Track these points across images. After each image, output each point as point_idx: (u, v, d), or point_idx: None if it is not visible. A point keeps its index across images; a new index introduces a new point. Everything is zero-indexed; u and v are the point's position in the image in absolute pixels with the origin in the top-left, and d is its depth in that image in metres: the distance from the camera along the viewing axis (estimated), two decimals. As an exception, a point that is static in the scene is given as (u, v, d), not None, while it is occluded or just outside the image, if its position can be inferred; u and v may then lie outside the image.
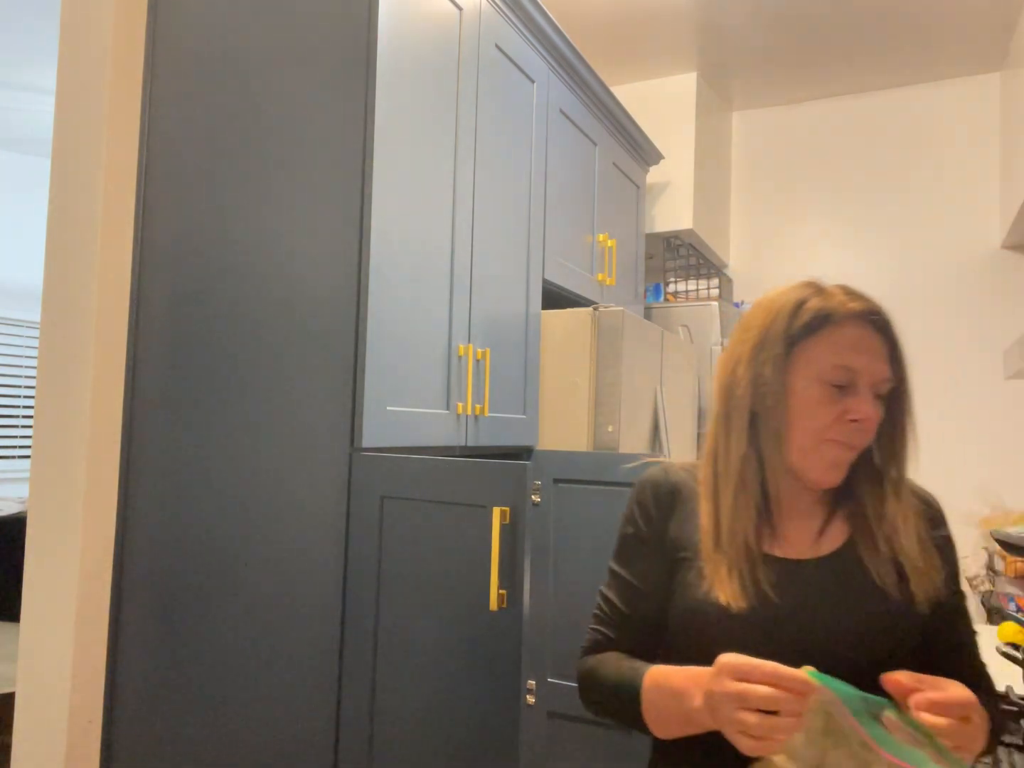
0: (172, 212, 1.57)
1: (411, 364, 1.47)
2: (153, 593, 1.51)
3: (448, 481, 1.27)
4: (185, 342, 1.52)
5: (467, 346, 1.64)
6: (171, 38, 1.61)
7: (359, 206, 1.37)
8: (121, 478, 1.56)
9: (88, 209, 1.57)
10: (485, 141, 1.76)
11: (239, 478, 1.44)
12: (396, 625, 1.29)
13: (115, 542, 1.55)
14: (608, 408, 1.97)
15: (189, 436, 1.50)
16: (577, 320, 2.02)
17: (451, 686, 1.23)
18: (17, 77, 3.21)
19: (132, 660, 1.52)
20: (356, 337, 1.35)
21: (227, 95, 1.53)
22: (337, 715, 1.31)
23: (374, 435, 1.35)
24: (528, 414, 1.93)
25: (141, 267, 1.60)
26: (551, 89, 2.12)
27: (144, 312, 1.58)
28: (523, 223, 1.95)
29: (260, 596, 1.39)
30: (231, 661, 1.41)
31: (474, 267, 1.70)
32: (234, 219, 1.49)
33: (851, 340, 0.86)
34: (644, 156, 2.90)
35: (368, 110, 1.38)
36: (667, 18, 2.82)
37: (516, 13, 1.91)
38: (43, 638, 1.53)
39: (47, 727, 1.50)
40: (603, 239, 2.45)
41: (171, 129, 1.59)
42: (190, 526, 1.48)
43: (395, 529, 1.30)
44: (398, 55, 1.45)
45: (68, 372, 1.56)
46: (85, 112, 1.59)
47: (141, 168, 1.61)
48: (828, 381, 0.86)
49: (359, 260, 1.36)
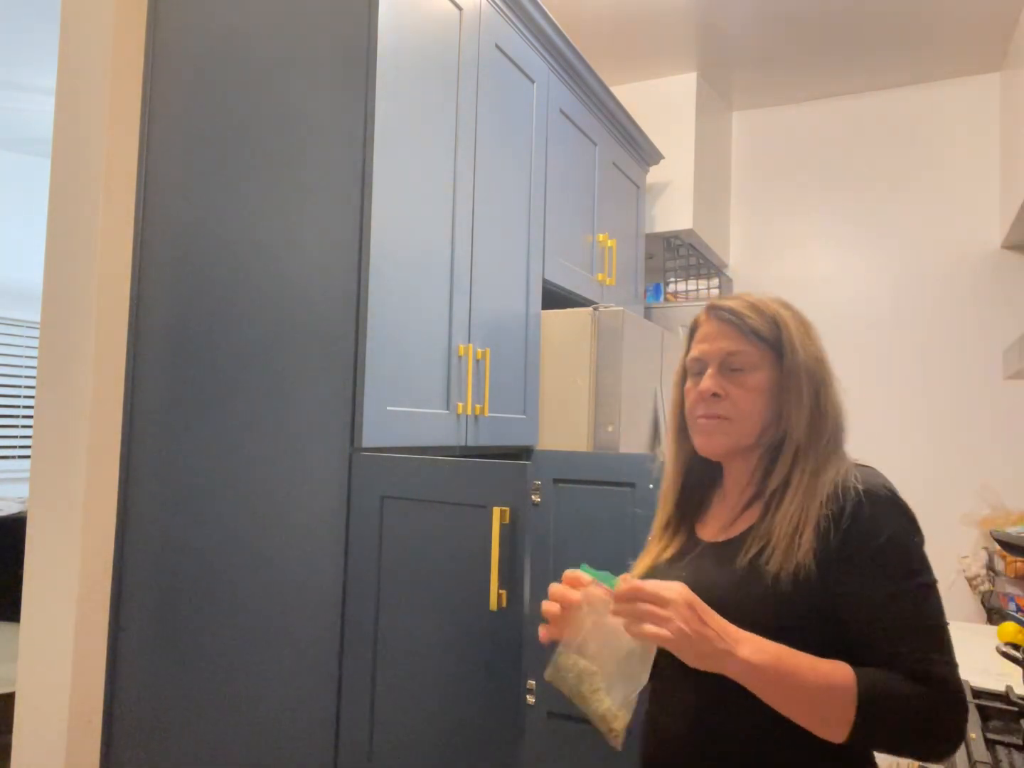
0: (172, 212, 1.57)
1: (411, 364, 1.47)
2: (153, 593, 1.51)
3: (448, 481, 1.27)
4: (185, 342, 1.52)
5: (467, 346, 1.64)
6: (171, 38, 1.61)
7: (359, 206, 1.37)
8: (121, 478, 1.56)
9: (88, 209, 1.57)
10: (485, 141, 1.76)
11: (239, 477, 1.44)
12: (396, 625, 1.29)
13: (115, 542, 1.55)
14: (608, 408, 1.97)
15: (189, 436, 1.50)
16: (577, 320, 2.02)
17: (451, 686, 1.23)
18: (17, 77, 3.21)
19: (132, 660, 1.52)
20: (356, 337, 1.35)
21: (227, 95, 1.53)
22: (337, 716, 1.31)
23: (374, 435, 1.35)
24: (528, 414, 1.93)
25: (141, 267, 1.60)
26: (551, 89, 2.12)
27: (144, 312, 1.58)
28: (523, 223, 1.95)
29: (260, 596, 1.39)
30: (231, 661, 1.41)
31: (474, 267, 1.70)
32: (234, 219, 1.49)
33: (701, 335, 1.07)
34: (644, 156, 2.90)
35: (368, 110, 1.38)
36: (667, 18, 2.82)
37: (516, 13, 1.91)
38: (43, 638, 1.53)
39: (47, 727, 1.50)
40: (603, 239, 2.45)
41: (171, 129, 1.59)
42: (190, 526, 1.48)
43: (395, 529, 1.30)
44: (398, 55, 1.45)
45: (68, 372, 1.56)
46: (85, 112, 1.59)
47: (141, 168, 1.61)
48: (690, 372, 1.08)
49: (359, 260, 1.36)
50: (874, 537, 0.90)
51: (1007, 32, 2.84)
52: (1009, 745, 1.42)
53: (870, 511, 0.91)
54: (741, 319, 1.02)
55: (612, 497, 1.78)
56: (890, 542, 0.90)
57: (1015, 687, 1.67)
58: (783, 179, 3.53)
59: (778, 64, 3.16)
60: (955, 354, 3.15)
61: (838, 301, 3.37)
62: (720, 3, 2.71)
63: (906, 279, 3.26)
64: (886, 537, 0.90)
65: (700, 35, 2.93)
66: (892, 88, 3.34)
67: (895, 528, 0.91)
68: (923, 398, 3.20)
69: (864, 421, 3.56)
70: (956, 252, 3.19)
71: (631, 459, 1.79)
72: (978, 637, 2.25)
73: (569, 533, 1.83)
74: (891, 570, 0.90)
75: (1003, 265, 3.10)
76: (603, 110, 2.49)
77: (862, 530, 0.90)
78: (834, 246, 3.41)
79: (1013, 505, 2.96)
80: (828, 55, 3.07)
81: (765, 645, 0.86)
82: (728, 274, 3.59)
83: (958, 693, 0.85)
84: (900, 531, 0.91)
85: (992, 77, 3.16)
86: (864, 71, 3.20)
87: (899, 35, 2.90)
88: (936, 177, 3.24)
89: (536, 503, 1.85)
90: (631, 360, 2.05)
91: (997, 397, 3.07)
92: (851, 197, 3.39)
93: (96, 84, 1.58)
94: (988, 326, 3.11)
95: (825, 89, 3.38)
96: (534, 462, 1.87)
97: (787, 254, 3.50)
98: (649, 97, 3.24)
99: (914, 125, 3.29)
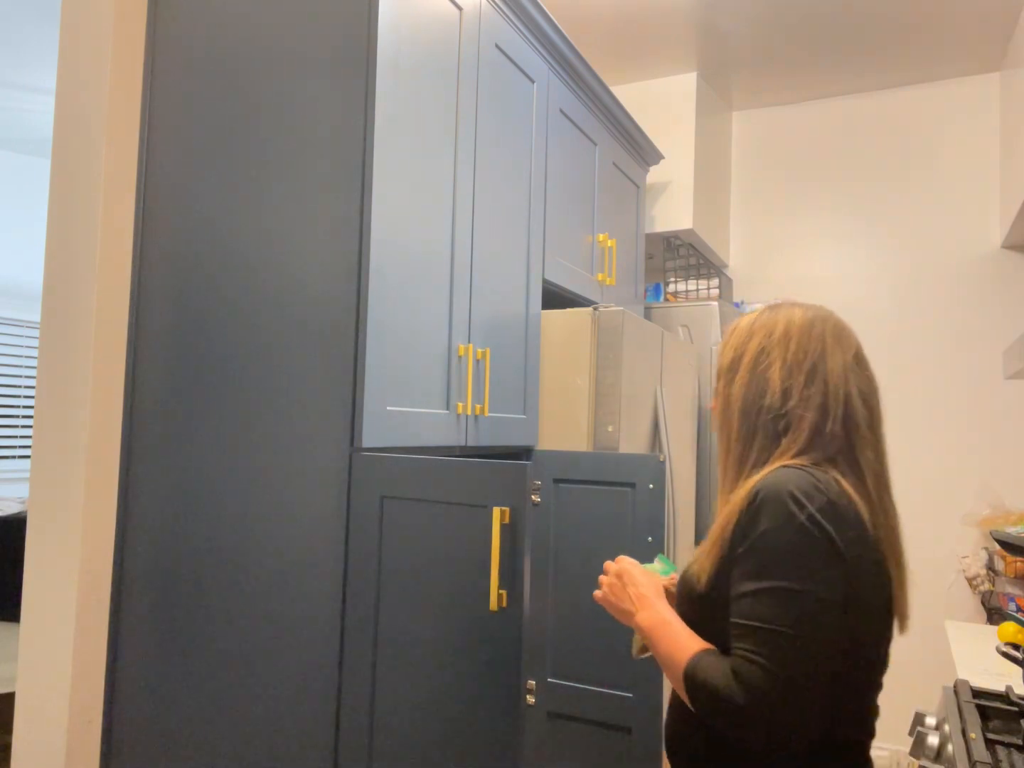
0: (172, 212, 1.57)
1: (411, 364, 1.47)
2: (153, 592, 1.51)
3: (448, 481, 1.27)
4: (185, 342, 1.52)
5: (467, 346, 1.64)
6: (171, 38, 1.61)
7: (359, 206, 1.37)
8: (121, 478, 1.56)
9: (88, 209, 1.57)
10: (485, 141, 1.76)
11: (239, 477, 1.44)
12: (396, 625, 1.29)
13: (115, 542, 1.55)
14: (608, 408, 1.97)
15: (189, 436, 1.50)
16: (577, 320, 2.02)
17: (451, 686, 1.23)
18: (17, 77, 3.21)
19: (132, 660, 1.52)
20: (356, 337, 1.35)
21: (227, 95, 1.53)
22: (337, 715, 1.31)
23: (374, 435, 1.35)
24: (528, 414, 1.93)
25: (141, 267, 1.60)
26: (551, 89, 2.12)
27: (144, 312, 1.58)
28: (523, 223, 1.95)
29: (260, 596, 1.40)
30: (231, 661, 1.41)
31: (474, 267, 1.70)
32: (234, 219, 1.49)
33: None
34: (644, 156, 2.90)
35: (368, 110, 1.38)
36: (667, 18, 2.82)
37: (516, 13, 1.91)
38: (43, 638, 1.53)
39: (47, 727, 1.50)
40: (603, 239, 2.45)
41: (171, 129, 1.59)
42: (190, 526, 1.48)
43: (395, 529, 1.30)
44: (398, 55, 1.45)
45: (68, 372, 1.56)
46: (85, 112, 1.59)
47: (141, 168, 1.61)
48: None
49: (359, 260, 1.36)
50: (748, 537, 0.92)
51: (1007, 32, 2.84)
52: (1009, 745, 1.42)
53: (755, 512, 0.92)
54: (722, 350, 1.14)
55: (612, 497, 1.78)
56: (759, 540, 0.91)
57: (1015, 687, 1.67)
58: (783, 179, 3.53)
59: (778, 64, 3.16)
60: (955, 354, 3.15)
61: (838, 301, 3.37)
62: (720, 3, 2.72)
63: (906, 279, 3.26)
64: (756, 536, 0.91)
65: (700, 35, 2.93)
66: (892, 88, 3.34)
67: (766, 528, 0.90)
68: (923, 398, 3.20)
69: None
70: (956, 252, 3.19)
71: (631, 459, 1.79)
72: (978, 637, 2.25)
73: (569, 533, 1.83)
74: (747, 569, 0.91)
75: (1003, 265, 3.10)
76: (603, 110, 2.49)
77: (745, 531, 0.93)
78: (834, 246, 3.41)
79: (1013, 505, 2.96)
80: (828, 55, 3.07)
81: (658, 615, 1.02)
82: (728, 274, 3.59)
83: (748, 687, 0.85)
84: (771, 531, 0.90)
85: (992, 77, 3.16)
86: (864, 71, 3.20)
87: (899, 35, 2.90)
88: (936, 177, 3.24)
89: (536, 503, 1.85)
90: (631, 360, 2.05)
91: (997, 397, 3.07)
92: (851, 197, 3.39)
93: (96, 84, 1.58)
94: (988, 326, 3.11)
95: (825, 89, 3.38)
96: (534, 462, 1.87)
97: (787, 254, 3.50)
98: (649, 97, 3.24)
99: (914, 125, 3.29)
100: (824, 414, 0.99)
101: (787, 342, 1.02)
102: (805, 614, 0.87)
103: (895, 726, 3.14)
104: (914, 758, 1.49)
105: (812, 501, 0.90)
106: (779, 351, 1.02)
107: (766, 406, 1.01)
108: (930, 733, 1.49)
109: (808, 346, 1.01)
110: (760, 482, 0.94)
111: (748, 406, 1.02)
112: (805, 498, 0.90)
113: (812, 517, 0.89)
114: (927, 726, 1.55)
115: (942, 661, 3.07)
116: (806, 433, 0.98)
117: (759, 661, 0.86)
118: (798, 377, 1.00)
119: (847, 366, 1.01)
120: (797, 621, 0.86)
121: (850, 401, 1.00)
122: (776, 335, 1.03)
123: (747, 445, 1.02)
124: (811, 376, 1.00)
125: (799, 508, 0.90)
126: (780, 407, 1.00)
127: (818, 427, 0.99)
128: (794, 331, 1.03)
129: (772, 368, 1.01)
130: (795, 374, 1.00)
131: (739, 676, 0.86)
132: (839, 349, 1.02)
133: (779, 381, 1.01)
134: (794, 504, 0.90)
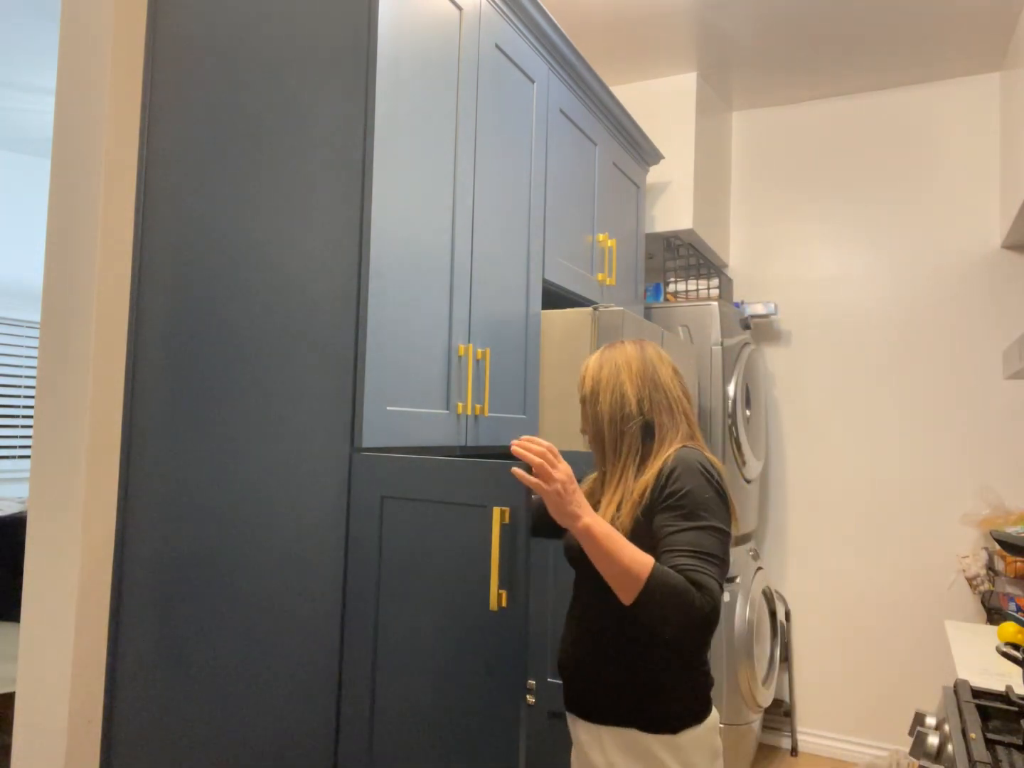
0: (172, 212, 1.57)
1: (411, 364, 1.47)
2: (153, 593, 1.51)
3: (448, 481, 1.27)
4: (185, 341, 1.52)
5: (467, 346, 1.64)
6: (171, 38, 1.61)
7: (359, 206, 1.37)
8: (121, 477, 1.56)
9: (88, 209, 1.57)
10: (485, 141, 1.76)
11: (240, 477, 1.44)
12: (396, 625, 1.29)
13: (115, 542, 1.55)
14: (608, 408, 1.97)
15: (189, 436, 1.50)
16: (577, 320, 2.02)
17: (452, 686, 1.23)
18: (17, 77, 3.21)
19: (132, 660, 1.52)
20: (356, 337, 1.35)
21: (227, 95, 1.53)
22: (337, 715, 1.31)
23: (374, 435, 1.35)
24: (528, 414, 1.93)
25: (141, 267, 1.60)
26: (551, 89, 2.12)
27: (144, 312, 1.58)
28: (523, 223, 1.95)
29: (260, 596, 1.40)
30: (231, 661, 1.41)
31: (474, 267, 1.70)
32: (235, 219, 1.49)
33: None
34: (644, 156, 2.90)
35: (368, 110, 1.38)
36: (667, 18, 2.82)
37: (516, 13, 1.91)
38: (43, 638, 1.53)
39: (47, 727, 1.50)
40: (603, 239, 2.45)
41: (171, 129, 1.59)
42: (190, 526, 1.48)
43: (395, 529, 1.30)
44: (398, 55, 1.45)
45: (68, 372, 1.56)
46: (85, 112, 1.59)
47: (141, 168, 1.61)
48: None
49: (359, 260, 1.36)
50: (674, 494, 1.27)
51: (1007, 32, 2.85)
52: (1009, 745, 1.42)
53: (678, 474, 1.28)
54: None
55: (612, 497, 1.78)
56: (687, 495, 1.26)
57: (1015, 687, 1.67)
58: (783, 179, 3.53)
59: (778, 64, 3.16)
60: (955, 354, 3.15)
61: (838, 301, 3.38)
62: (720, 3, 2.72)
63: (906, 279, 3.26)
64: (686, 490, 1.26)
65: (700, 35, 2.93)
66: (892, 88, 3.34)
67: (692, 485, 1.26)
68: (923, 398, 3.20)
69: (864, 421, 3.57)
70: (956, 252, 3.19)
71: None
72: (978, 637, 2.25)
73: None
74: (684, 511, 1.25)
75: (1003, 265, 3.10)
76: (603, 110, 2.49)
77: (669, 489, 1.28)
78: (834, 246, 3.41)
79: (1013, 505, 2.96)
80: (828, 55, 3.07)
81: (606, 525, 1.22)
82: (728, 274, 3.60)
83: (713, 597, 1.16)
84: (697, 488, 1.26)
85: (992, 77, 3.17)
86: (864, 71, 3.20)
87: (899, 35, 2.90)
88: (936, 177, 3.24)
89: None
90: (631, 360, 2.05)
91: (997, 397, 3.07)
92: (851, 197, 3.39)
93: (96, 84, 1.58)
94: (988, 326, 3.11)
95: (825, 89, 3.38)
96: (534, 462, 1.87)
97: (787, 254, 3.50)
98: (649, 97, 3.24)
99: (914, 125, 3.29)
100: (671, 410, 1.38)
101: (630, 366, 1.39)
102: (724, 545, 1.24)
103: (895, 726, 3.14)
104: (914, 758, 1.49)
105: (712, 468, 1.30)
106: (626, 373, 1.39)
107: (627, 414, 1.36)
108: (930, 733, 1.50)
109: (644, 367, 1.39)
110: (673, 458, 1.31)
111: (614, 416, 1.37)
112: (709, 465, 1.31)
113: (715, 479, 1.29)
114: (927, 726, 1.55)
115: (942, 661, 3.08)
116: (668, 424, 1.37)
117: (711, 576, 1.18)
118: (645, 389, 1.38)
119: (671, 376, 1.41)
120: (723, 550, 1.24)
121: (682, 398, 1.41)
122: (621, 362, 1.40)
123: (619, 445, 1.37)
124: (655, 385, 1.38)
125: (708, 473, 1.29)
126: (638, 412, 1.36)
127: (674, 419, 1.38)
128: (633, 358, 1.40)
129: (625, 385, 1.38)
130: (643, 387, 1.38)
131: (699, 586, 1.16)
132: (663, 365, 1.41)
133: (633, 394, 1.37)
134: (703, 471, 1.29)
